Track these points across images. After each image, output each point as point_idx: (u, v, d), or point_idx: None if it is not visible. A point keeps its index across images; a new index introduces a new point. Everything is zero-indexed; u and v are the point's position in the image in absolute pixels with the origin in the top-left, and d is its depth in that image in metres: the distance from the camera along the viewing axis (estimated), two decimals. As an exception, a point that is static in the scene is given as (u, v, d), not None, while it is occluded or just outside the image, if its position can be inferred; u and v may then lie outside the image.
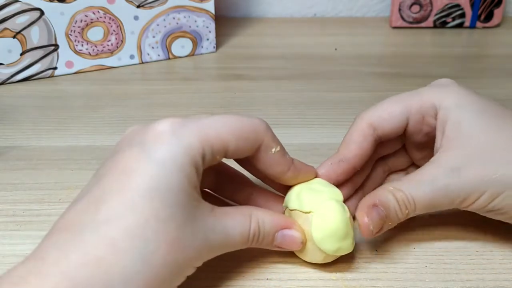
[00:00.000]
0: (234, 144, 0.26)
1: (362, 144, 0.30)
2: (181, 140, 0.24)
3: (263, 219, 0.27)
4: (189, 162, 0.24)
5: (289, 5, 0.73)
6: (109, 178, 0.24)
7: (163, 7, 0.55)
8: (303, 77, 0.54)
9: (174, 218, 0.23)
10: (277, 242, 0.28)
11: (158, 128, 0.25)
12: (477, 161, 0.28)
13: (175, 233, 0.23)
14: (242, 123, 0.26)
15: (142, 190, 0.23)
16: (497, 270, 0.29)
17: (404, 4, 0.66)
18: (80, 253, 0.22)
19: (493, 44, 0.65)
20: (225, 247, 0.26)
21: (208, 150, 0.25)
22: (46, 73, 0.53)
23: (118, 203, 0.23)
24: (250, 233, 0.27)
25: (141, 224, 0.23)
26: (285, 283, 0.28)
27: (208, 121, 0.26)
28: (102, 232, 0.22)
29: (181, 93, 0.51)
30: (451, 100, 0.30)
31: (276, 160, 0.28)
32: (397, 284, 0.28)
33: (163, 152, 0.24)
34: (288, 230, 0.28)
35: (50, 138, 0.42)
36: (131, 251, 0.22)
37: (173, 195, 0.23)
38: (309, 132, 0.43)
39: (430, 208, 0.28)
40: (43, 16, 0.50)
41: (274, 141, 0.28)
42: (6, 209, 0.34)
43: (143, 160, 0.24)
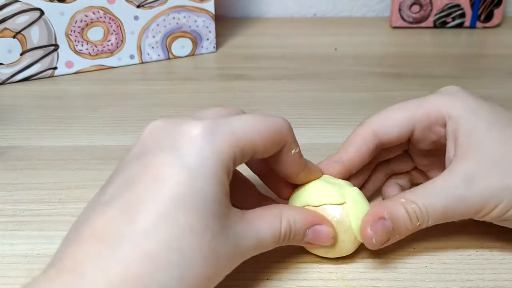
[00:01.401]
0: (262, 146, 0.26)
1: (360, 148, 0.31)
2: (214, 145, 0.24)
3: (294, 217, 0.27)
4: (222, 168, 0.24)
5: (289, 5, 0.73)
6: (141, 185, 0.23)
7: (163, 7, 0.55)
8: (303, 77, 0.54)
9: (208, 229, 0.23)
10: (308, 238, 0.28)
11: (190, 132, 0.24)
12: (493, 170, 0.27)
13: (209, 245, 0.23)
14: (270, 125, 0.26)
15: (177, 200, 0.22)
16: (497, 270, 0.29)
17: (404, 4, 0.66)
18: (119, 269, 0.21)
19: (493, 44, 0.65)
20: (256, 250, 0.26)
21: (239, 154, 0.25)
22: (46, 73, 0.53)
23: (154, 214, 0.22)
24: (281, 233, 0.26)
25: (176, 236, 0.22)
26: (285, 283, 0.28)
27: (238, 123, 0.25)
28: (139, 246, 0.22)
29: (181, 93, 0.51)
30: (461, 108, 0.29)
31: (294, 161, 0.28)
32: (397, 284, 0.28)
33: (196, 159, 0.23)
34: (319, 226, 0.28)
35: (50, 138, 0.42)
36: (168, 266, 0.22)
37: (207, 205, 0.23)
38: (309, 132, 0.43)
39: (444, 219, 0.28)
40: (43, 16, 0.50)
41: (295, 142, 0.28)
42: (6, 209, 0.34)
43: (176, 167, 0.23)
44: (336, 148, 0.40)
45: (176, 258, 0.22)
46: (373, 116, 0.32)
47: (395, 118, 0.31)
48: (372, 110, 0.48)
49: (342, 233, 0.28)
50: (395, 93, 0.50)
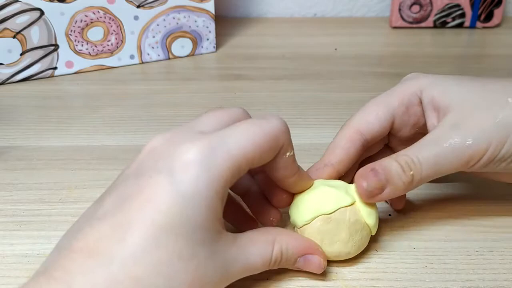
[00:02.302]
0: (258, 158, 0.25)
1: (349, 149, 0.31)
2: (211, 172, 0.24)
3: (286, 245, 0.27)
4: (217, 195, 0.24)
5: (289, 5, 0.73)
6: (135, 205, 0.23)
7: (163, 7, 0.55)
8: (303, 77, 0.54)
9: (197, 256, 0.23)
10: (299, 265, 0.28)
11: (186, 156, 0.24)
12: (475, 112, 0.28)
13: (196, 272, 0.23)
14: (266, 133, 0.25)
15: (168, 226, 0.23)
16: (497, 270, 0.29)
17: (404, 4, 0.66)
18: (107, 286, 0.21)
19: (493, 44, 0.65)
20: (244, 274, 0.26)
21: (236, 173, 0.25)
22: (46, 73, 0.53)
23: (144, 239, 0.22)
24: (272, 260, 0.26)
25: (164, 262, 0.22)
26: (285, 283, 0.28)
27: (233, 140, 0.25)
28: (128, 269, 0.22)
29: (181, 93, 0.51)
30: (430, 81, 0.31)
31: (287, 164, 0.27)
32: (397, 284, 0.28)
33: (191, 185, 0.23)
34: (311, 256, 0.28)
35: (50, 138, 0.42)
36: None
37: (197, 233, 0.23)
38: (309, 132, 0.43)
39: (437, 168, 0.28)
40: (43, 16, 0.50)
41: (290, 145, 0.27)
42: (6, 209, 0.34)
43: (170, 191, 0.23)
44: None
45: (162, 283, 0.22)
46: (353, 116, 0.32)
47: (376, 113, 0.31)
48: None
49: (360, 231, 0.29)
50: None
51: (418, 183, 0.28)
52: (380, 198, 0.28)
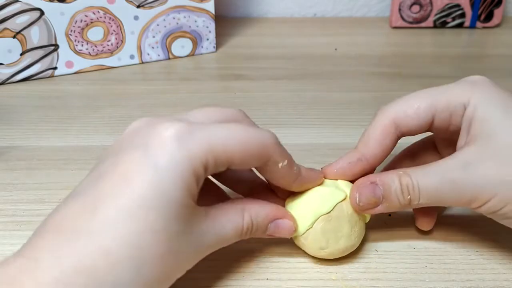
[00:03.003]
0: (239, 158, 0.25)
1: (382, 142, 0.29)
2: (186, 149, 0.24)
3: (256, 212, 0.27)
4: (191, 172, 0.24)
5: (289, 5, 0.73)
6: (107, 181, 0.23)
7: (163, 7, 0.55)
8: (303, 77, 0.54)
9: (169, 229, 0.23)
10: (270, 231, 0.28)
11: (164, 133, 0.24)
12: (492, 160, 0.26)
13: (169, 245, 0.23)
14: (251, 137, 0.25)
15: (140, 199, 0.23)
16: (497, 270, 0.29)
17: (404, 4, 0.66)
18: (74, 260, 0.21)
19: (493, 44, 0.65)
20: (218, 245, 0.26)
21: (211, 162, 0.24)
22: (46, 73, 0.53)
23: (114, 211, 0.22)
24: (243, 228, 0.27)
25: (136, 234, 0.22)
26: (285, 283, 0.28)
27: (217, 131, 0.25)
28: (97, 240, 0.22)
29: (181, 93, 0.51)
30: (479, 98, 0.28)
31: (283, 174, 0.27)
32: (397, 284, 0.28)
33: (165, 160, 0.23)
34: (281, 220, 0.28)
35: (50, 138, 0.42)
36: (124, 261, 0.22)
37: (171, 207, 0.23)
38: (309, 132, 0.43)
39: (435, 200, 0.27)
40: (43, 16, 0.50)
41: (282, 155, 0.27)
42: (6, 209, 0.34)
43: (144, 166, 0.23)
44: (336, 148, 0.40)
45: (133, 255, 0.22)
46: (390, 104, 0.30)
47: (415, 107, 0.29)
48: (372, 110, 0.48)
49: (358, 221, 0.29)
50: (395, 93, 0.50)
51: (415, 206, 0.28)
52: (371, 211, 0.28)
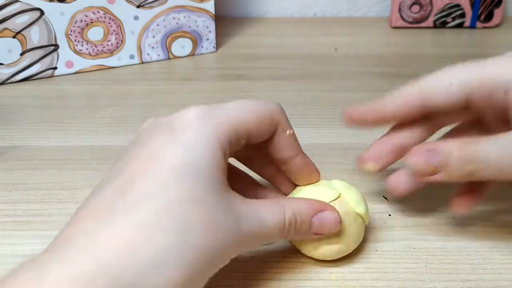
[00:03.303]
0: (256, 127, 0.26)
1: (400, 109, 0.30)
2: (209, 125, 0.24)
3: (298, 207, 0.27)
4: (218, 145, 0.24)
5: (289, 5, 0.73)
6: (137, 163, 0.23)
7: (163, 7, 0.55)
8: (303, 77, 0.54)
9: (206, 199, 0.23)
10: (315, 227, 0.27)
11: (186, 115, 0.25)
12: None
13: (208, 214, 0.23)
14: (262, 106, 0.27)
15: (173, 171, 0.23)
16: (497, 270, 0.29)
17: (404, 4, 0.66)
18: (111, 236, 0.21)
19: (493, 44, 0.65)
20: (261, 236, 0.25)
21: (234, 135, 0.25)
22: (46, 73, 0.53)
23: (149, 185, 0.22)
24: (286, 222, 0.26)
25: (174, 204, 0.22)
26: (285, 283, 0.28)
27: (231, 106, 0.26)
28: (134, 214, 0.21)
29: (181, 93, 0.51)
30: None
31: (288, 143, 0.28)
32: (397, 284, 0.28)
33: (192, 136, 0.24)
34: (324, 212, 0.27)
35: (50, 138, 0.42)
36: (164, 232, 0.21)
37: (203, 177, 0.23)
38: (309, 132, 0.43)
39: (500, 171, 0.26)
40: (43, 16, 0.50)
41: (288, 123, 0.28)
42: (6, 209, 0.34)
43: (172, 144, 0.24)
44: (335, 148, 0.40)
45: (173, 225, 0.22)
46: (419, 78, 0.30)
47: (448, 82, 0.28)
48: (372, 110, 0.48)
49: (354, 222, 0.29)
50: (395, 93, 0.50)
51: (476, 178, 0.27)
52: (431, 180, 0.27)
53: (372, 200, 0.35)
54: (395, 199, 0.34)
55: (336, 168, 0.38)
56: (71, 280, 0.19)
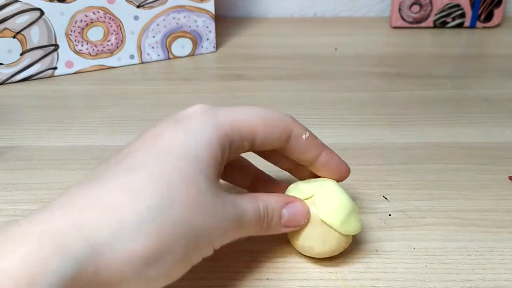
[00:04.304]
0: (262, 131, 0.27)
1: None
2: (212, 119, 0.25)
3: (267, 199, 0.27)
4: (217, 139, 0.25)
5: (289, 5, 0.73)
6: (139, 141, 0.25)
7: (163, 7, 0.55)
8: (303, 77, 0.54)
9: (197, 181, 0.23)
10: (285, 219, 0.27)
11: (193, 109, 0.26)
12: None
13: (197, 196, 0.23)
14: (270, 113, 0.27)
15: (170, 148, 0.23)
16: (497, 270, 0.29)
17: (404, 4, 0.66)
18: (90, 197, 0.21)
19: (493, 44, 0.65)
20: (242, 227, 0.26)
21: (237, 135, 0.26)
22: (46, 73, 0.53)
23: (143, 156, 0.23)
24: (261, 211, 0.26)
25: (163, 177, 0.22)
26: (285, 283, 0.28)
27: (239, 109, 0.27)
28: (121, 179, 0.22)
29: (181, 93, 0.51)
30: None
31: (307, 146, 0.29)
32: (397, 284, 0.28)
33: (194, 124, 0.25)
34: (292, 203, 0.28)
35: (50, 138, 0.42)
36: (146, 200, 0.22)
37: (198, 161, 0.24)
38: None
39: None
40: (43, 16, 0.50)
41: (303, 128, 0.29)
42: (6, 209, 0.34)
43: (175, 128, 0.25)
44: (336, 148, 0.40)
45: (158, 194, 0.22)
46: None
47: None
48: (372, 110, 0.49)
49: (317, 226, 0.28)
50: (395, 93, 0.50)
51: None
52: None
53: (372, 200, 0.35)
54: (395, 199, 0.34)
55: (336, 168, 0.38)
56: (39, 234, 0.20)
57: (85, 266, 0.20)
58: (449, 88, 0.51)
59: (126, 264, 0.21)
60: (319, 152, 0.29)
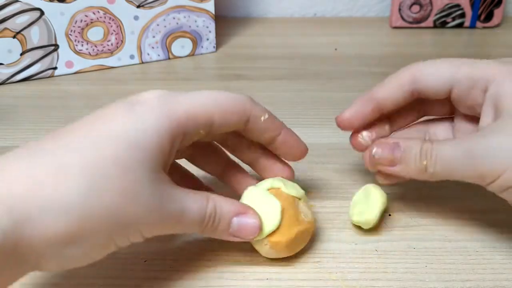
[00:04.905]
0: (219, 116, 0.26)
1: (395, 90, 0.30)
2: (165, 106, 0.25)
3: (220, 203, 0.27)
4: (167, 128, 0.24)
5: (289, 5, 0.73)
6: (84, 120, 0.24)
7: (163, 7, 0.55)
8: (303, 77, 0.54)
9: (135, 170, 0.23)
10: (233, 229, 0.27)
11: (148, 94, 0.25)
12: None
13: (130, 184, 0.23)
14: (227, 97, 0.27)
15: (112, 134, 0.23)
16: (497, 270, 0.29)
17: (404, 4, 0.66)
18: (22, 172, 0.21)
19: (493, 44, 0.65)
20: (180, 223, 0.25)
21: (191, 123, 0.25)
22: (46, 73, 0.53)
23: (82, 137, 0.23)
24: (207, 213, 0.26)
25: (98, 161, 0.22)
26: (285, 283, 0.28)
27: (195, 95, 0.26)
28: (57, 158, 0.22)
29: (181, 93, 0.51)
30: (506, 74, 0.28)
31: (266, 126, 0.29)
32: (397, 284, 0.28)
33: (145, 111, 0.24)
34: (244, 215, 0.27)
35: (50, 138, 0.42)
36: (79, 182, 0.22)
37: (140, 150, 0.23)
38: (309, 132, 0.43)
39: (449, 170, 0.27)
40: (43, 16, 0.50)
41: (261, 110, 0.28)
42: (6, 209, 0.34)
43: (123, 113, 0.24)
44: (336, 148, 0.40)
45: (90, 178, 0.22)
46: (418, 62, 0.31)
47: (437, 69, 0.30)
48: (372, 110, 0.48)
49: None
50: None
51: (430, 176, 0.28)
52: (386, 170, 0.29)
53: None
54: (395, 199, 0.34)
55: (336, 168, 0.38)
56: None
57: (6, 238, 0.20)
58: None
59: (46, 242, 0.21)
60: (278, 132, 0.29)
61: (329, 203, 0.34)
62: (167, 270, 0.29)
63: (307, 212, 0.29)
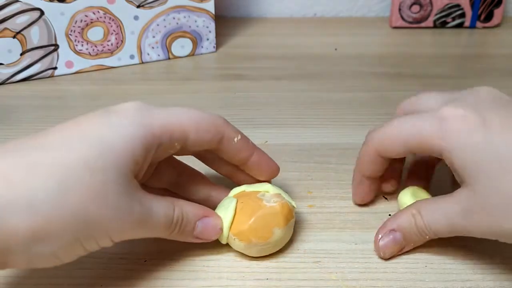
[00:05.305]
0: (194, 132, 0.27)
1: (373, 165, 0.32)
2: (142, 118, 0.26)
3: (186, 207, 0.28)
4: (142, 138, 0.25)
5: (289, 5, 0.73)
6: (64, 124, 0.25)
7: (163, 7, 0.55)
8: (303, 77, 0.54)
9: (104, 172, 0.23)
10: (198, 231, 0.28)
11: (125, 105, 0.26)
12: (483, 210, 0.26)
13: (99, 186, 0.23)
14: (203, 115, 0.28)
15: (86, 136, 0.24)
16: (497, 270, 0.29)
17: (404, 4, 0.66)
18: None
19: (493, 44, 0.65)
20: (148, 226, 0.26)
21: (166, 136, 0.26)
22: (46, 73, 0.53)
23: (56, 138, 0.24)
24: (174, 217, 0.27)
25: (69, 162, 0.23)
26: (285, 283, 0.28)
27: (172, 110, 0.27)
28: (29, 156, 0.23)
29: (181, 93, 0.51)
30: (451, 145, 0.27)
31: (239, 148, 0.29)
32: (397, 284, 0.28)
33: (121, 120, 0.25)
34: (208, 218, 0.29)
35: (50, 138, 0.42)
36: (48, 181, 0.22)
37: (113, 155, 0.24)
38: (309, 132, 0.43)
39: (450, 234, 0.28)
40: (43, 16, 0.50)
41: (234, 131, 0.29)
42: (6, 209, 0.34)
43: (100, 119, 0.25)
44: (336, 148, 0.40)
45: (59, 178, 0.22)
46: (375, 130, 0.31)
47: (393, 140, 0.30)
48: (372, 110, 0.48)
49: None
50: (395, 93, 0.50)
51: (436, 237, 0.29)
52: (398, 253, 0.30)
53: (371, 200, 0.35)
54: (395, 199, 0.34)
55: (336, 168, 0.38)
56: None
57: None
58: (449, 88, 0.51)
59: (11, 237, 0.22)
60: (250, 153, 0.30)
61: (329, 203, 0.34)
62: (166, 270, 0.29)
63: (272, 199, 0.29)
